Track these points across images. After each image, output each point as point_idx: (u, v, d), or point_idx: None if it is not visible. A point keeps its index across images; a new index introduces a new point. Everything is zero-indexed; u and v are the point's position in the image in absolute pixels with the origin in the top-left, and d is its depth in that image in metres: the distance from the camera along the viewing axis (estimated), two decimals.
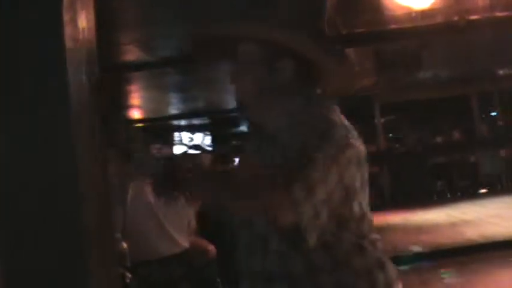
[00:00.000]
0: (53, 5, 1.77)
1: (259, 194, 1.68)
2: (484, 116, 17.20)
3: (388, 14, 10.89)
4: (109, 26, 6.57)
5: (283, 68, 1.86)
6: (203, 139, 19.84)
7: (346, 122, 1.90)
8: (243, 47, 1.91)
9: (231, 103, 14.95)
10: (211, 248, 4.63)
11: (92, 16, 2.00)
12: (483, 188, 14.47)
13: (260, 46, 1.87)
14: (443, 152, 15.23)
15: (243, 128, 18.26)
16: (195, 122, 18.91)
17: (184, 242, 4.20)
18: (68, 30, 1.80)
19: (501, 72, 15.85)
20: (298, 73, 1.87)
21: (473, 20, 11.38)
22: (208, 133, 19.73)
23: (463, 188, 14.43)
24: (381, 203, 12.73)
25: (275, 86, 1.88)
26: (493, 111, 17.81)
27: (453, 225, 10.88)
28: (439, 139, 16.44)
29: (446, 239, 9.71)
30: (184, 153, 17.32)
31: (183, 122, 18.83)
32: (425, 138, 16.07)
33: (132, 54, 8.84)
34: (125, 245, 3.93)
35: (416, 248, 9.13)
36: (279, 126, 1.88)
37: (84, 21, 1.92)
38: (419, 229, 11.00)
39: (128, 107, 14.13)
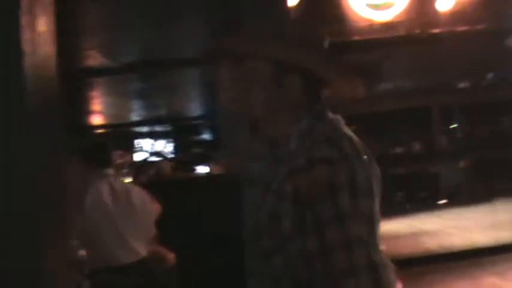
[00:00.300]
0: (10, 9, 1.73)
1: None
2: (444, 127, 17.42)
3: (350, 25, 11.01)
4: (70, 30, 6.50)
5: (291, 84, 1.85)
6: (165, 146, 19.73)
7: (352, 134, 1.89)
8: (253, 64, 1.90)
9: (193, 110, 14.91)
10: (171, 255, 4.60)
11: (51, 20, 1.96)
12: (442, 199, 14.65)
13: (270, 63, 1.86)
14: (403, 163, 15.38)
15: (205, 135, 18.22)
16: (157, 128, 18.81)
17: (143, 250, 4.17)
18: (26, 35, 1.77)
19: (461, 84, 16.10)
20: (306, 88, 1.88)
21: (435, 33, 11.56)
22: (170, 140, 19.63)
23: (422, 198, 14.60)
24: None
25: (284, 102, 1.87)
26: (453, 123, 18.06)
27: (412, 235, 11.00)
28: (399, 150, 16.61)
29: (405, 248, 9.81)
30: (145, 160, 17.22)
31: (144, 129, 18.72)
32: (385, 149, 16.22)
33: (93, 59, 8.75)
34: (82, 252, 3.88)
35: None
36: (290, 141, 1.85)
37: (43, 26, 1.89)
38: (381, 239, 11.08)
39: (89, 112, 14.00)
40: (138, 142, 19.44)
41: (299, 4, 10.50)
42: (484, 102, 15.34)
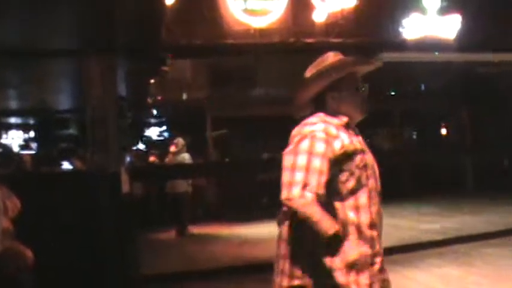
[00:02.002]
0: None
1: None
2: None
3: (226, 28, 11.02)
4: None
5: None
6: (29, 139, 18.98)
7: None
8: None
9: (61, 103, 14.42)
10: (28, 253, 4.39)
11: None
12: None
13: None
14: (272, 169, 15.51)
15: (72, 130, 17.67)
16: (22, 120, 18.07)
17: None
18: None
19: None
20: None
21: (308, 43, 11.79)
22: (36, 133, 18.88)
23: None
24: (207, 215, 12.78)
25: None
26: None
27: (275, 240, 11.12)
28: (268, 155, 16.80)
29: (268, 253, 9.87)
30: (9, 152, 16.45)
31: (9, 120, 17.93)
32: (256, 154, 16.33)
33: None
34: None
35: (238, 261, 9.24)
36: None
37: None
38: (244, 242, 11.14)
39: None
40: (2, 133, 18.58)
41: (178, 3, 10.41)
42: None
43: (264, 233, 12.05)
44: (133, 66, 10.48)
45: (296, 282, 2.96)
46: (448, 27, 13.69)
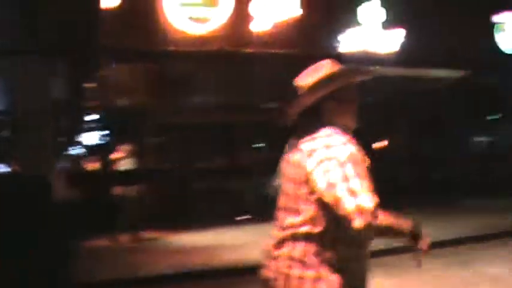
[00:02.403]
0: None
1: None
2: (249, 145, 17.81)
3: (168, 35, 10.95)
4: None
5: None
6: None
7: None
8: None
9: None
10: None
11: None
12: (244, 215, 14.91)
13: None
14: (207, 177, 15.47)
15: (4, 133, 17.17)
16: None
17: None
18: None
19: (269, 105, 16.59)
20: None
21: (247, 53, 11.84)
22: None
23: (224, 213, 14.74)
24: (142, 222, 12.61)
25: None
26: (258, 142, 18.56)
27: (210, 248, 11.08)
28: (204, 164, 16.75)
29: (201, 261, 9.86)
30: None
31: None
32: (191, 161, 16.22)
33: None
34: None
35: (169, 270, 9.16)
36: None
37: None
38: (178, 251, 11.05)
39: None
40: None
41: (117, 7, 10.29)
42: (291, 124, 15.89)
43: (199, 242, 12.01)
44: (69, 69, 10.31)
45: None
46: (389, 41, 13.96)
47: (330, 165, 2.65)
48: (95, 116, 17.53)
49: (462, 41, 15.22)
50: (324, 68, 2.94)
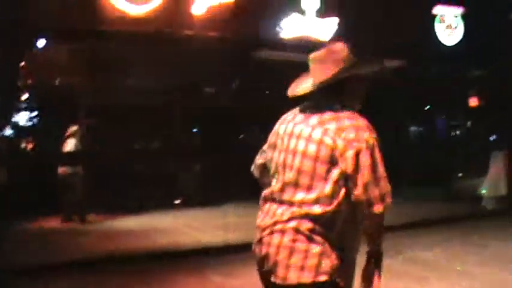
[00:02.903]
0: None
1: None
2: (185, 129, 17.71)
3: (104, 15, 10.73)
4: None
5: None
6: None
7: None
8: None
9: None
10: None
11: None
12: (178, 199, 14.85)
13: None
14: (142, 160, 15.30)
15: None
16: None
17: None
18: None
19: (207, 89, 16.54)
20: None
21: (185, 35, 11.71)
22: None
23: (159, 197, 14.63)
24: (77, 207, 12.42)
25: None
26: (195, 126, 18.50)
27: (145, 232, 11.02)
28: (139, 146, 16.59)
29: (136, 245, 9.79)
30: None
31: None
32: (126, 144, 16.02)
33: None
34: None
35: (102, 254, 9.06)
36: None
37: None
38: (115, 235, 10.95)
39: None
40: None
41: None
42: (228, 109, 15.86)
43: (133, 226, 11.92)
44: (4, 50, 10.02)
45: (322, 278, 2.76)
46: (325, 29, 14.03)
47: (360, 148, 2.74)
48: (30, 96, 17.15)
49: (400, 32, 15.42)
50: (343, 51, 3.04)
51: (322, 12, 14.03)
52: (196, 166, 15.45)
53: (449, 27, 17.13)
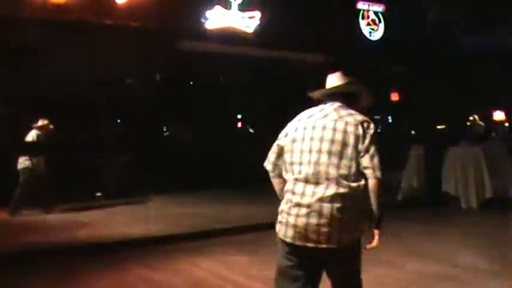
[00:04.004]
0: None
1: None
2: (108, 121, 17.40)
3: (22, 1, 10.43)
4: None
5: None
6: None
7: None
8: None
9: None
10: None
11: None
12: (101, 192, 14.57)
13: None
14: (66, 153, 14.93)
15: None
16: None
17: None
18: None
19: (130, 80, 16.28)
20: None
21: (108, 25, 11.51)
22: None
23: (82, 190, 14.32)
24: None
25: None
26: (118, 118, 18.22)
27: (67, 225, 10.80)
28: (63, 139, 16.17)
29: (57, 238, 9.60)
30: None
31: None
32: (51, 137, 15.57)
33: None
34: None
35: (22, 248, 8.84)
36: None
37: None
38: (34, 228, 10.70)
39: None
40: None
41: None
42: (151, 100, 15.65)
43: (54, 219, 11.69)
44: None
45: (357, 234, 3.75)
46: (248, 22, 14.08)
47: (371, 134, 3.77)
48: None
49: (323, 26, 15.62)
50: (348, 75, 4.14)
51: (246, 5, 14.08)
52: (119, 158, 15.23)
53: (371, 23, 17.51)
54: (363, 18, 17.42)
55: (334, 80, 4.12)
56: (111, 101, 16.11)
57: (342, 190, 3.60)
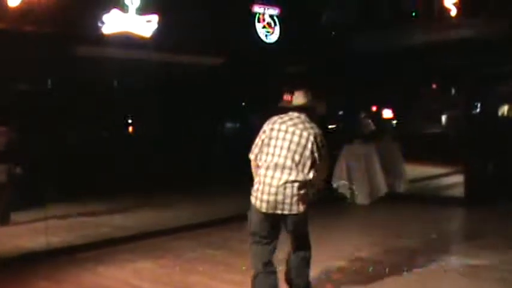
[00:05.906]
0: None
1: None
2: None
3: None
4: None
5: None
6: None
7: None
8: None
9: None
10: None
11: None
12: None
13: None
14: None
15: None
16: None
17: None
18: None
19: (22, 86, 15.66)
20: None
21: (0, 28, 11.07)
22: None
23: None
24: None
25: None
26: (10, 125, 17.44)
27: None
28: None
29: None
30: None
31: None
32: None
33: None
34: None
35: None
36: None
37: None
38: None
39: None
40: None
41: None
42: (44, 108, 15.07)
43: None
44: None
45: (306, 205, 5.51)
46: (145, 26, 13.96)
47: (321, 138, 5.49)
48: None
49: (220, 29, 15.68)
50: (309, 95, 5.82)
51: (143, 9, 13.94)
52: (13, 167, 14.58)
53: (267, 26, 17.75)
54: (258, 21, 17.62)
55: (300, 97, 5.76)
56: (2, 108, 15.43)
57: (299, 178, 5.28)
